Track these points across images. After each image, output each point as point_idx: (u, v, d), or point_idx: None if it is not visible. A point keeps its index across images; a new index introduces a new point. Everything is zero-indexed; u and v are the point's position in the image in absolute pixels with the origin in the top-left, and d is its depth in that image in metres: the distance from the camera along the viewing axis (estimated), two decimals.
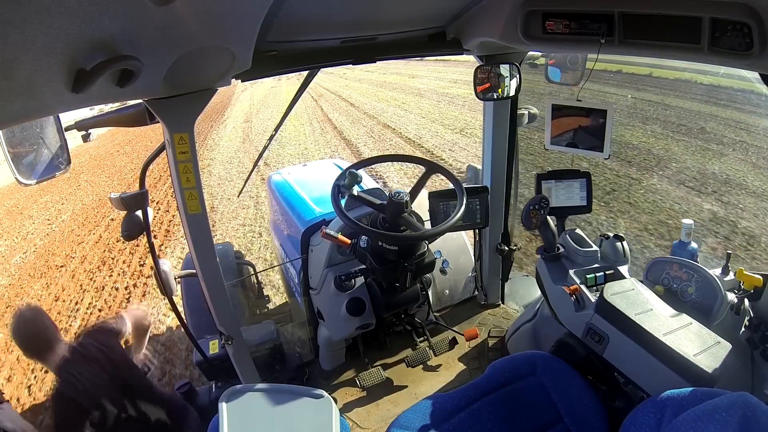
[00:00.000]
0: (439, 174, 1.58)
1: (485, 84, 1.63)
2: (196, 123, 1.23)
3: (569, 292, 1.32)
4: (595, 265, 1.42)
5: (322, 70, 1.65)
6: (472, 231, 2.15)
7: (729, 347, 1.07)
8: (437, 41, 1.59)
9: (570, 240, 1.46)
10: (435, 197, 1.80)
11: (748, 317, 1.25)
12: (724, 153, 5.92)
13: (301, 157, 8.14)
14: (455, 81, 16.23)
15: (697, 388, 0.89)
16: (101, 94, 0.85)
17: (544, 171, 1.70)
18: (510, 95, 1.65)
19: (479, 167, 2.07)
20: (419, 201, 1.63)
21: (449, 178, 1.59)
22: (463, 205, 1.51)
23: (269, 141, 2.34)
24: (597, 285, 1.36)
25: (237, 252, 2.99)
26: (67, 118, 1.22)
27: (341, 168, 2.63)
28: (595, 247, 1.44)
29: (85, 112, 1.23)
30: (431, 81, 17.51)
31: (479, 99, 1.67)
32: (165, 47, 0.86)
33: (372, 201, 1.52)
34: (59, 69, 0.65)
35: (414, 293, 1.75)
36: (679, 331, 1.11)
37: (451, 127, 9.11)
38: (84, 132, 1.30)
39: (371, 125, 10.40)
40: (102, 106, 1.09)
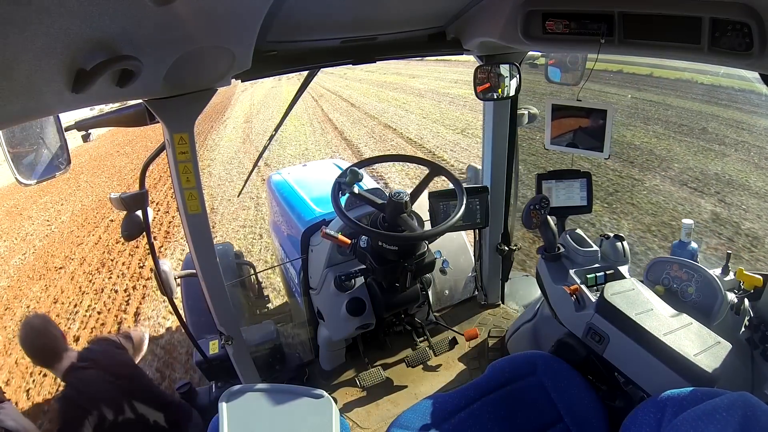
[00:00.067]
0: (426, 167, 1.59)
1: (485, 84, 1.63)
2: (196, 123, 1.23)
3: (569, 292, 1.32)
4: (596, 265, 1.42)
5: (322, 70, 1.65)
6: (472, 231, 2.15)
7: (729, 347, 1.07)
8: (437, 41, 1.59)
9: (570, 240, 1.46)
10: (435, 197, 1.80)
11: (748, 317, 1.25)
12: (726, 153, 5.91)
13: (302, 158, 8.11)
14: (456, 81, 16.21)
15: (698, 387, 0.89)
16: (101, 94, 0.86)
17: (545, 171, 1.70)
18: (510, 95, 1.65)
19: (479, 167, 2.07)
20: (419, 201, 1.63)
21: (449, 178, 1.59)
22: (463, 205, 1.51)
23: (269, 141, 2.34)
24: (597, 285, 1.36)
25: (237, 252, 2.99)
26: (67, 118, 1.22)
27: (341, 168, 2.63)
28: (596, 247, 1.44)
29: (85, 112, 1.23)
30: (432, 81, 17.48)
31: (479, 99, 1.67)
32: (165, 47, 0.86)
33: (372, 199, 1.52)
34: (59, 69, 0.65)
35: (414, 293, 1.75)
36: (680, 331, 1.11)
37: (453, 128, 9.09)
38: (84, 132, 1.30)
39: (372, 125, 10.38)
40: (102, 106, 1.10)
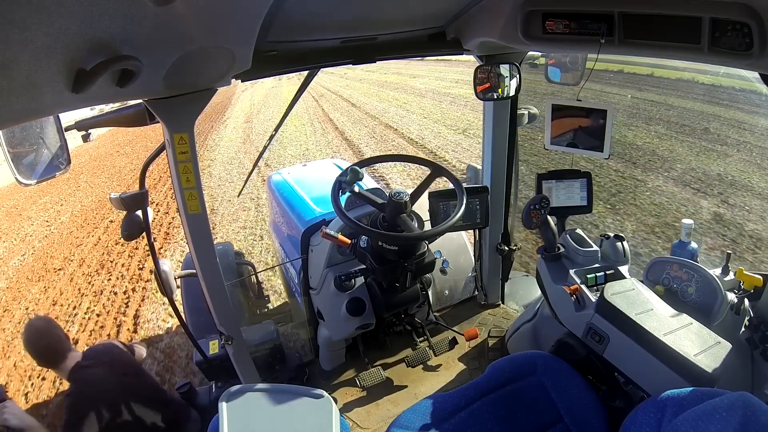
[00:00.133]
0: (428, 168, 1.59)
1: (485, 84, 1.62)
2: (196, 123, 1.23)
3: (569, 291, 1.32)
4: (596, 265, 1.42)
5: (322, 70, 1.65)
6: (472, 231, 2.15)
7: (729, 347, 1.07)
8: (437, 41, 1.59)
9: (570, 240, 1.46)
10: (435, 197, 1.80)
11: (748, 317, 1.25)
12: (728, 154, 5.89)
13: (303, 158, 8.08)
14: (457, 81, 16.17)
15: (698, 387, 0.89)
16: (101, 94, 0.85)
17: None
18: (510, 95, 1.65)
19: (479, 167, 2.07)
20: (420, 201, 1.63)
21: (450, 178, 1.59)
22: (463, 205, 1.51)
23: (269, 141, 2.34)
24: (597, 285, 1.36)
25: (237, 252, 2.99)
26: (67, 118, 1.22)
27: (341, 168, 2.63)
28: (596, 247, 1.44)
29: (85, 112, 1.23)
30: (432, 81, 17.46)
31: (479, 99, 1.67)
32: (165, 47, 0.86)
33: (372, 199, 1.52)
34: (59, 69, 0.65)
35: (414, 293, 1.75)
36: (680, 331, 1.11)
37: (454, 128, 9.06)
38: (84, 132, 1.30)
39: (373, 125, 10.35)
40: (102, 106, 1.10)
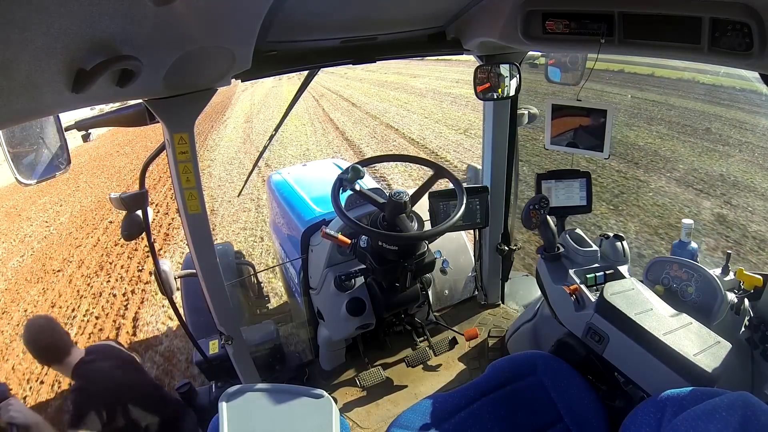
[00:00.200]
0: (430, 168, 1.59)
1: (485, 84, 1.62)
2: (196, 123, 1.23)
3: (569, 291, 1.32)
4: (595, 265, 1.41)
5: (322, 69, 1.65)
6: (472, 231, 2.15)
7: (729, 347, 1.07)
8: (437, 41, 1.59)
9: (570, 240, 1.46)
10: (435, 197, 1.80)
11: (748, 317, 1.24)
12: (730, 154, 5.87)
13: (303, 158, 8.07)
14: (457, 81, 16.13)
15: (697, 387, 0.89)
16: (101, 94, 0.86)
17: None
18: (510, 95, 1.65)
19: (479, 167, 2.07)
20: (420, 201, 1.63)
21: (450, 178, 1.59)
22: (463, 205, 1.51)
23: (269, 141, 2.34)
24: (597, 285, 1.36)
25: (237, 252, 2.99)
26: (67, 118, 1.22)
27: (341, 168, 2.63)
28: (595, 247, 1.44)
29: (85, 112, 1.23)
30: (433, 81, 17.42)
31: (479, 99, 1.67)
32: (165, 47, 0.86)
33: (373, 198, 1.52)
34: (59, 69, 0.65)
35: (414, 293, 1.75)
36: (679, 331, 1.11)
37: (455, 128, 9.03)
38: (84, 132, 1.30)
39: (374, 125, 10.33)
40: (102, 106, 1.10)
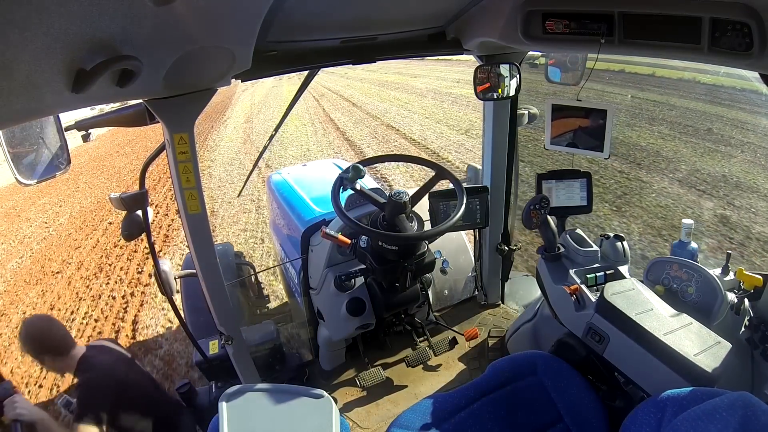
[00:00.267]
0: (431, 169, 1.59)
1: (485, 84, 1.63)
2: (196, 123, 1.23)
3: (569, 291, 1.32)
4: (596, 265, 1.42)
5: (322, 69, 1.65)
6: (472, 231, 2.15)
7: (729, 347, 1.07)
8: (437, 41, 1.59)
9: (570, 240, 1.46)
10: (435, 197, 1.80)
11: (748, 317, 1.24)
12: (732, 155, 5.84)
13: (304, 159, 8.03)
14: (458, 81, 16.08)
15: (698, 387, 0.89)
16: (101, 94, 0.86)
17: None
18: (510, 95, 1.65)
19: (479, 167, 2.07)
20: (420, 201, 1.63)
21: (450, 178, 1.59)
22: (463, 205, 1.51)
23: (269, 141, 2.34)
24: (597, 285, 1.36)
25: (237, 252, 2.99)
26: (67, 118, 1.22)
27: (341, 168, 2.63)
28: (596, 247, 1.44)
29: (85, 112, 1.23)
30: (433, 81, 17.38)
31: (479, 99, 1.67)
32: (165, 47, 0.86)
33: (373, 197, 1.52)
34: (59, 69, 0.65)
35: (414, 293, 1.75)
36: (680, 331, 1.11)
37: (457, 128, 8.98)
38: (84, 132, 1.30)
39: (374, 126, 10.29)
40: (102, 106, 1.10)
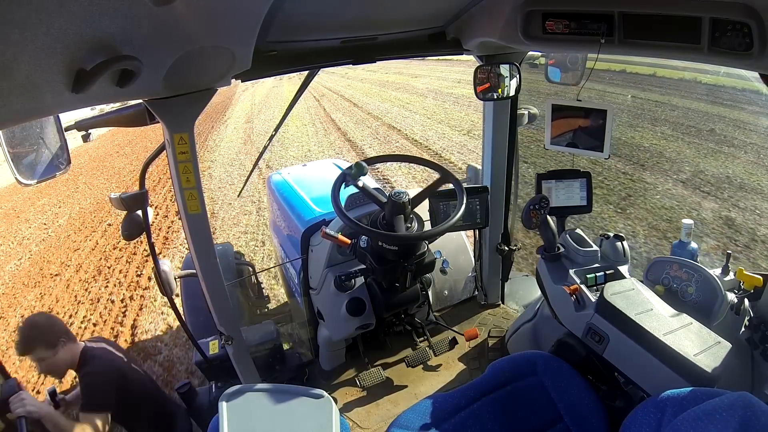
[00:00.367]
0: (435, 171, 1.59)
1: (485, 84, 1.63)
2: (196, 123, 1.23)
3: (569, 291, 1.32)
4: (596, 265, 1.42)
5: (323, 69, 1.65)
6: (472, 231, 2.15)
7: (729, 347, 1.07)
8: (437, 41, 1.59)
9: (570, 240, 1.46)
10: (435, 197, 1.80)
11: (748, 317, 1.24)
12: (736, 156, 5.82)
13: (305, 159, 8.01)
14: (459, 81, 16.05)
15: (697, 387, 0.89)
16: (101, 94, 0.86)
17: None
18: (510, 95, 1.65)
19: (479, 167, 2.07)
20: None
21: (452, 181, 1.59)
22: (463, 205, 1.51)
23: (269, 141, 2.34)
24: (597, 285, 1.36)
25: (237, 252, 2.99)
26: (67, 118, 1.22)
27: (341, 168, 2.62)
28: (595, 247, 1.44)
29: (85, 112, 1.24)
30: (434, 81, 17.35)
31: (479, 99, 1.67)
32: (165, 47, 0.86)
33: (375, 196, 1.52)
34: (59, 69, 0.65)
35: (414, 293, 1.75)
36: (679, 331, 1.11)
37: (458, 128, 8.94)
38: (84, 132, 1.30)
39: (376, 126, 10.26)
40: (102, 106, 1.10)
